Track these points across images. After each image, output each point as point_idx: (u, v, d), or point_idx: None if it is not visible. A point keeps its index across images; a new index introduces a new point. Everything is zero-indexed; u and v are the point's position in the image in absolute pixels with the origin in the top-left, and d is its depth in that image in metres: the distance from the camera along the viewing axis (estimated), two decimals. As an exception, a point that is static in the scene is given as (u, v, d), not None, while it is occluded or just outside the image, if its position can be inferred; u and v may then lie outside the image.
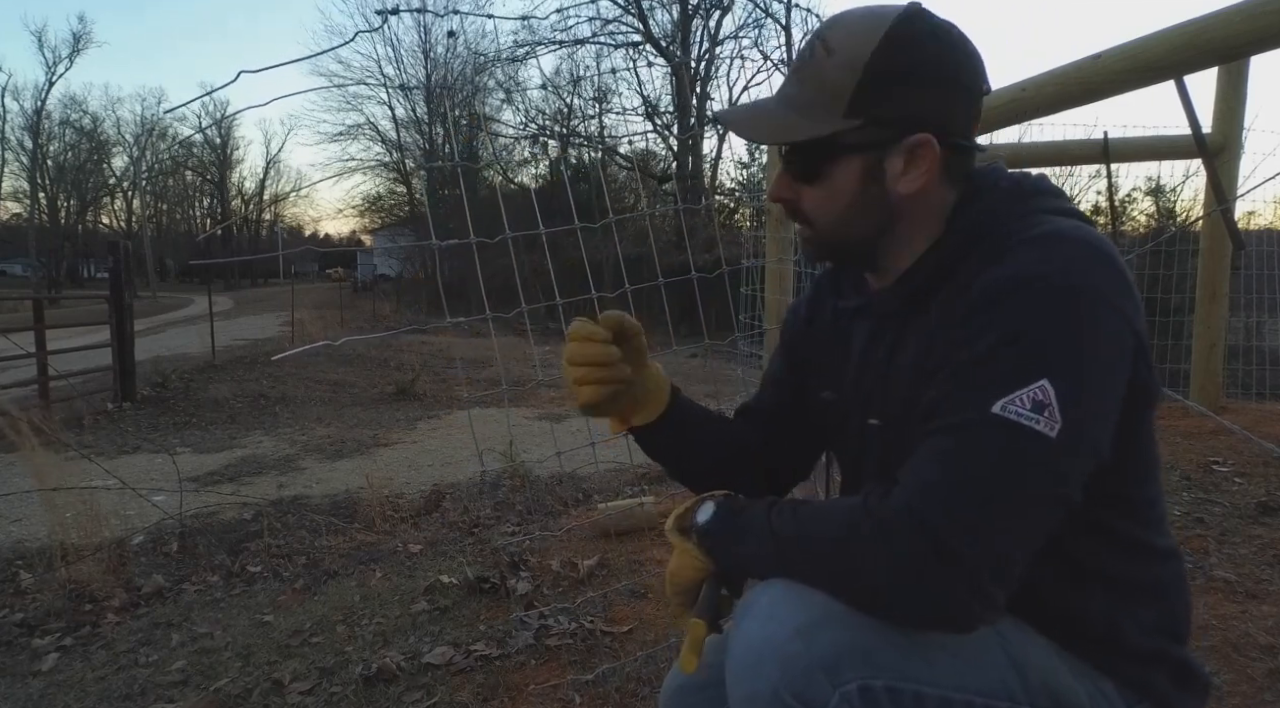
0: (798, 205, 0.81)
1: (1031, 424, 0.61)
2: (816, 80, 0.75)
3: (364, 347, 11.09)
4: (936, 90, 0.73)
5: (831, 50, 0.74)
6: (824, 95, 0.74)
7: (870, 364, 0.82)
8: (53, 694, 1.96)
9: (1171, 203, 8.17)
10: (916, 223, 0.78)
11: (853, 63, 0.72)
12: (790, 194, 0.81)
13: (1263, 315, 4.59)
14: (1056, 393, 0.61)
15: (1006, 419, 0.61)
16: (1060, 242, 0.67)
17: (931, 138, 0.73)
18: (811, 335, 0.95)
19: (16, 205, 49.73)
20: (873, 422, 0.81)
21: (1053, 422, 0.61)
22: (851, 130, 0.74)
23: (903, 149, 0.74)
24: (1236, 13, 1.11)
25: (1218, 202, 2.81)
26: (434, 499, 3.85)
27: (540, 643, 1.89)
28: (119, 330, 7.27)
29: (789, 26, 23.52)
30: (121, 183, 55.43)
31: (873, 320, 0.84)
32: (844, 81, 0.73)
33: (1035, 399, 0.61)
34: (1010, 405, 0.61)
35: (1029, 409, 0.61)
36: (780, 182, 0.82)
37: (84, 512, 3.18)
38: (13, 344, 5.97)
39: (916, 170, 0.74)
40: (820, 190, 0.78)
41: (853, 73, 0.72)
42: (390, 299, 24.20)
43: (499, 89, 28.50)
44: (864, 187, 0.76)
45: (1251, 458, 2.90)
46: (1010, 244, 0.69)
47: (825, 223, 0.80)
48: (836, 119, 0.74)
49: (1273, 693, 1.47)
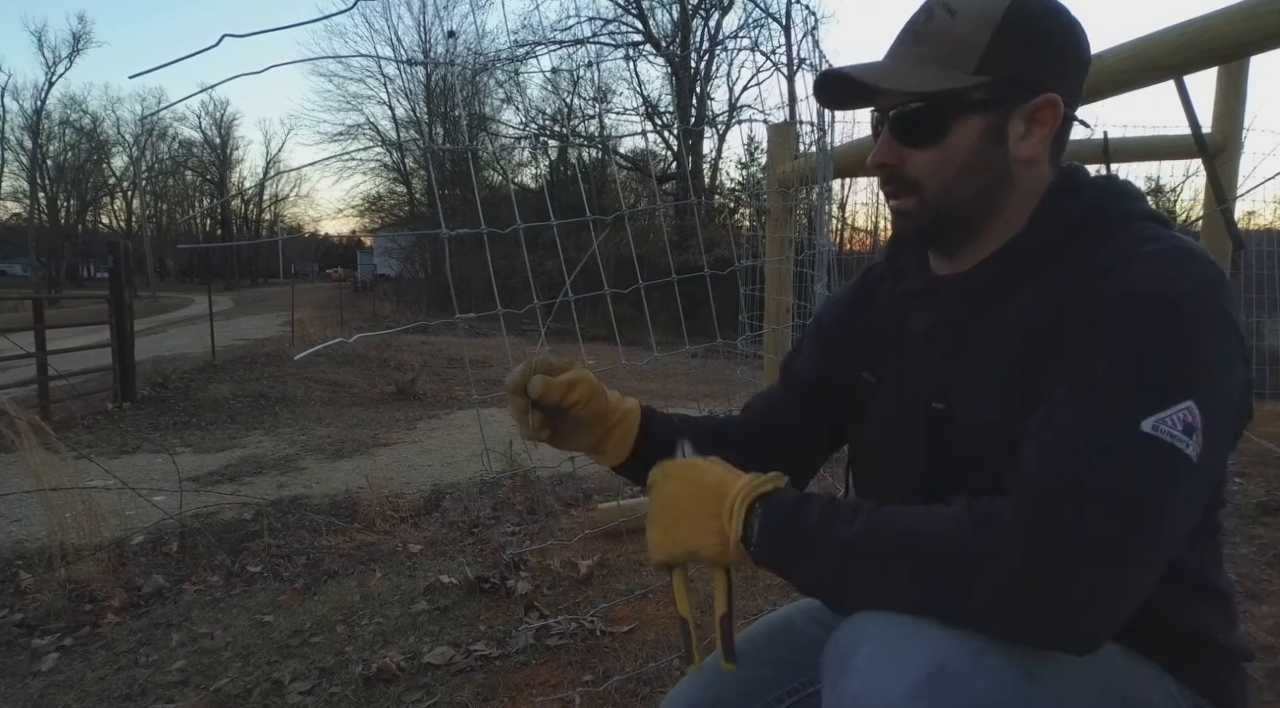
0: (901, 170, 0.77)
1: (1183, 447, 0.59)
2: (941, 38, 0.73)
3: (364, 346, 11.09)
4: (1061, 56, 0.73)
5: (955, 11, 0.73)
6: (952, 51, 0.72)
7: (935, 347, 0.79)
8: (53, 694, 1.96)
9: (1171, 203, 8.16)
10: (1020, 196, 0.76)
11: (986, 19, 0.71)
12: (895, 159, 0.77)
13: (1263, 315, 4.58)
14: (1202, 415, 0.60)
15: (1160, 440, 0.59)
16: (1186, 258, 0.65)
17: (1058, 99, 0.72)
18: (854, 323, 0.92)
19: (16, 205, 49.83)
20: (937, 406, 0.78)
21: (1198, 445, 0.59)
22: (979, 87, 0.72)
23: (1027, 110, 0.73)
24: (1236, 13, 1.11)
25: (1218, 201, 2.80)
26: (434, 499, 3.85)
27: (540, 643, 1.89)
28: (119, 330, 7.27)
29: (789, 26, 23.49)
30: (121, 183, 55.51)
31: (938, 305, 0.81)
32: (976, 37, 0.72)
33: (1185, 421, 0.59)
34: (1162, 425, 0.59)
35: (1180, 431, 0.59)
36: (885, 146, 0.77)
37: (84, 512, 3.18)
38: (13, 344, 5.97)
39: (1036, 135, 0.74)
40: (935, 151, 0.75)
41: (986, 28, 0.71)
42: (390, 299, 24.20)
43: (499, 88, 28.54)
44: (983, 147, 0.74)
45: (1251, 458, 2.90)
46: (1131, 254, 0.66)
47: (936, 187, 0.76)
48: (964, 75, 0.72)
49: (1273, 693, 1.47)
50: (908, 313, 0.85)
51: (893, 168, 0.77)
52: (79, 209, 52.10)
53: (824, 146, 2.28)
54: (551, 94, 28.37)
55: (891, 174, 0.78)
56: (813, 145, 2.49)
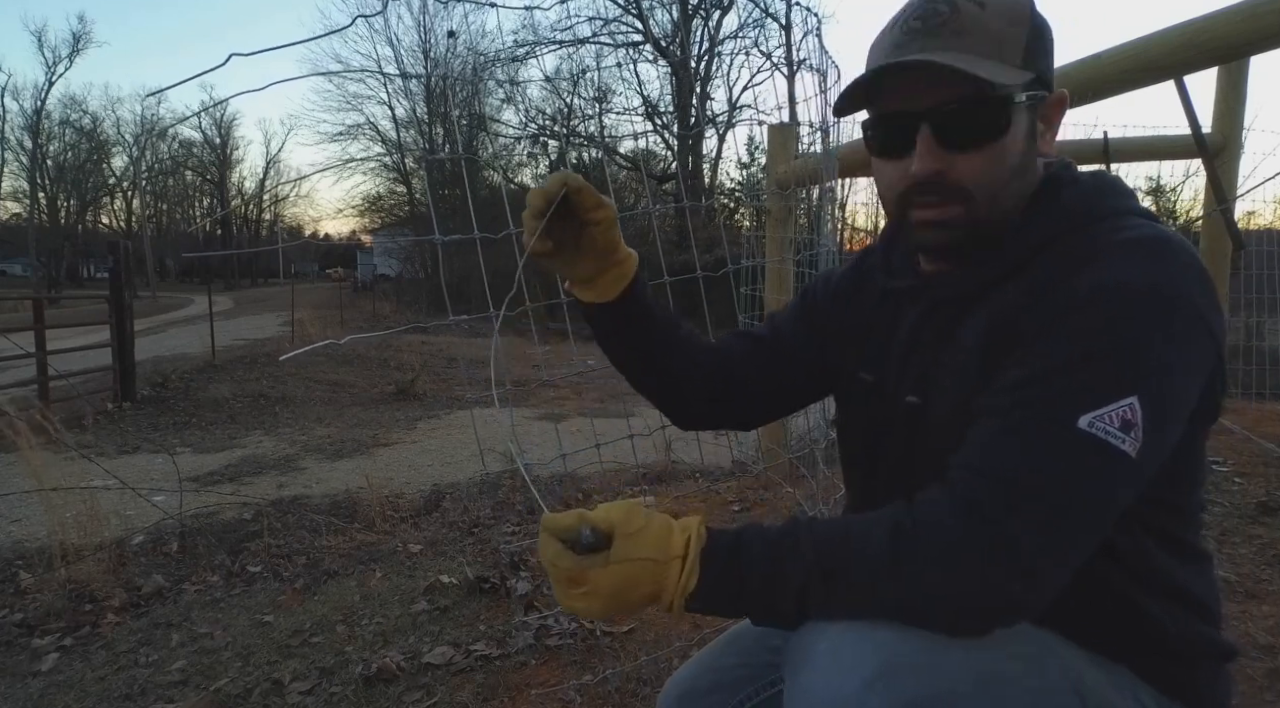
0: (946, 178, 0.71)
1: (1118, 444, 0.60)
2: (980, 30, 0.68)
3: (364, 347, 11.09)
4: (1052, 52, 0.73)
5: (984, 5, 0.69)
6: (998, 45, 0.68)
7: (919, 345, 0.79)
8: (53, 694, 1.96)
9: (1171, 203, 8.17)
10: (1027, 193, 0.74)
11: (1019, 13, 0.70)
12: (941, 165, 0.70)
13: (1263, 315, 4.58)
14: (1144, 413, 0.60)
15: (1094, 436, 0.60)
16: (1159, 250, 0.64)
17: (1067, 95, 0.72)
18: (844, 311, 0.92)
19: (16, 205, 49.78)
20: (911, 399, 0.78)
21: (1136, 442, 0.60)
22: (1029, 83, 0.70)
23: (1048, 106, 0.72)
24: (1236, 13, 1.11)
25: (1218, 201, 2.80)
26: (434, 499, 3.85)
27: (540, 643, 1.89)
28: (119, 330, 7.27)
29: (789, 26, 23.50)
30: (121, 183, 55.51)
31: (925, 303, 0.79)
32: (1016, 31, 0.69)
33: (1124, 418, 0.60)
34: (1099, 422, 0.60)
35: (1117, 428, 0.60)
36: (929, 153, 0.70)
37: (84, 512, 3.18)
38: (13, 344, 5.97)
39: (1051, 133, 0.73)
40: (986, 154, 0.70)
41: (1022, 23, 0.70)
42: (390, 299, 24.20)
43: (499, 88, 28.55)
44: (1028, 147, 0.72)
45: (1251, 458, 2.90)
46: (1102, 245, 0.66)
47: (986, 193, 0.71)
48: (1016, 70, 0.68)
49: (1273, 693, 1.47)
50: (900, 310, 0.84)
51: (935, 175, 0.71)
52: (79, 209, 52.11)
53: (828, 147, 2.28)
54: (552, 94, 28.42)
55: (935, 184, 0.71)
56: (813, 146, 2.49)
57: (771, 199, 2.98)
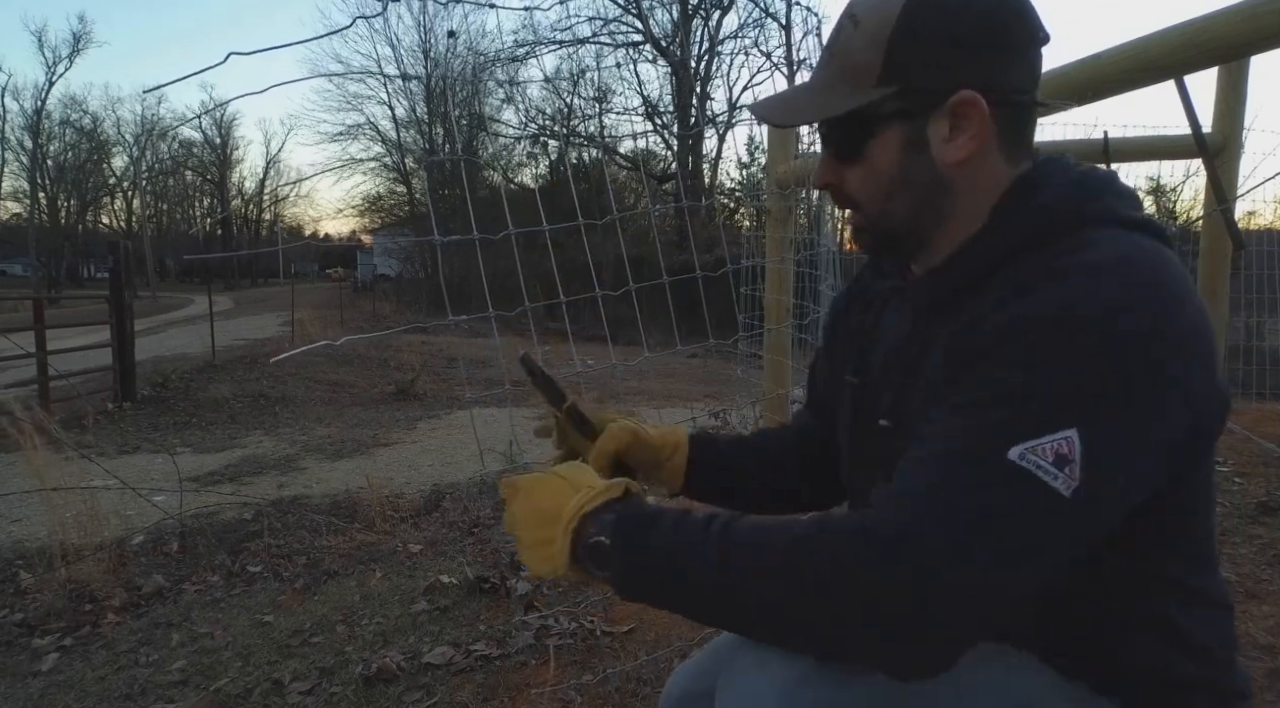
0: (842, 188, 0.76)
1: (1049, 480, 0.55)
2: (846, 54, 0.72)
3: (364, 347, 11.09)
4: (973, 46, 0.68)
5: (859, 21, 0.71)
6: (856, 67, 0.71)
7: (898, 361, 0.77)
8: (53, 694, 1.96)
9: (1171, 203, 8.16)
10: (967, 200, 0.72)
11: (880, 28, 0.69)
12: (834, 178, 0.76)
13: (1263, 315, 4.58)
14: (1083, 447, 0.56)
15: (1023, 470, 0.56)
16: (1120, 272, 0.59)
17: (976, 95, 0.67)
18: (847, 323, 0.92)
19: (16, 205, 49.81)
20: (883, 422, 0.76)
21: (1071, 479, 0.56)
22: (886, 98, 0.70)
23: (946, 112, 0.69)
24: (1236, 13, 1.11)
25: (1218, 201, 2.80)
26: (434, 499, 3.85)
27: (540, 643, 1.89)
28: (119, 330, 7.27)
29: (789, 26, 23.51)
30: (121, 183, 55.51)
31: (907, 310, 0.79)
32: (873, 49, 0.69)
33: (1058, 452, 0.56)
34: (1030, 455, 0.56)
35: (1050, 462, 0.56)
36: (824, 165, 0.77)
37: (84, 512, 3.18)
38: (13, 344, 5.97)
39: (964, 134, 0.69)
40: (862, 168, 0.73)
41: (880, 38, 0.69)
42: (390, 299, 24.20)
43: (499, 88, 28.54)
44: (907, 159, 0.71)
45: (1251, 458, 2.90)
46: (1061, 267, 0.61)
47: (872, 204, 0.74)
48: (869, 90, 0.70)
49: (1273, 693, 1.47)
50: (885, 313, 0.84)
51: (833, 186, 0.77)
52: (79, 209, 52.10)
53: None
54: (551, 94, 28.42)
55: (835, 193, 0.77)
56: (813, 146, 2.49)
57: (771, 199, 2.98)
